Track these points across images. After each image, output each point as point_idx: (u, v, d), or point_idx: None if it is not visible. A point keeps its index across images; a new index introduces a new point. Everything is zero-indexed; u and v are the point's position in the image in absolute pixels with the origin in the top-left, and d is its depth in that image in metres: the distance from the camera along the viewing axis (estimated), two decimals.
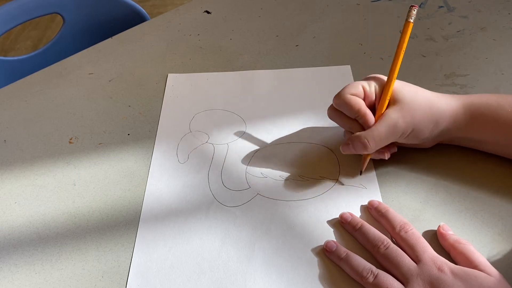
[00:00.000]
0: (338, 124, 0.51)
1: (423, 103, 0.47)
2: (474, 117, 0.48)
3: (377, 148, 0.47)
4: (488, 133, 0.48)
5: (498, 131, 0.48)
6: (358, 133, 0.47)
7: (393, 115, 0.47)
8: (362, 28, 0.73)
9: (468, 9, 0.74)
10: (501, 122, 0.47)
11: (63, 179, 0.53)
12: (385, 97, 0.48)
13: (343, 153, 0.49)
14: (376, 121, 0.47)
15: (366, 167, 0.50)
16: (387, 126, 0.46)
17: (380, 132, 0.46)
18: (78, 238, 0.47)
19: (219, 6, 0.80)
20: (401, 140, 0.48)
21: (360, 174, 0.50)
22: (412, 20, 0.49)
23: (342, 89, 0.49)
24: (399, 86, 0.48)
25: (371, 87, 0.49)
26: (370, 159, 0.50)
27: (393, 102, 0.48)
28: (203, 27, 0.76)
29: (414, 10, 0.49)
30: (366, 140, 0.46)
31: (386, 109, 0.48)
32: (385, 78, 0.49)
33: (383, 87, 0.48)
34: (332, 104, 0.50)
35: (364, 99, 0.48)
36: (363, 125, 0.48)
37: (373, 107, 0.49)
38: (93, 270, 0.44)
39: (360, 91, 0.48)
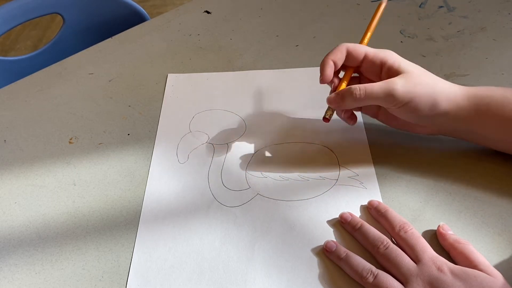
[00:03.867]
0: None
1: (428, 80, 0.48)
2: (478, 109, 0.47)
3: (366, 101, 0.48)
4: (491, 127, 0.47)
5: (502, 126, 0.47)
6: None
7: (395, 80, 0.47)
8: (362, 28, 0.72)
9: (468, 9, 0.74)
10: (506, 117, 0.46)
11: (63, 179, 0.53)
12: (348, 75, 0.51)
13: (327, 103, 0.50)
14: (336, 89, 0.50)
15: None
16: (386, 86, 0.47)
17: (375, 88, 0.47)
18: (78, 238, 0.47)
19: (219, 6, 0.80)
20: (397, 111, 0.48)
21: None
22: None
23: (328, 53, 0.51)
24: (408, 63, 0.49)
25: (357, 51, 0.51)
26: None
27: (400, 72, 0.48)
28: (203, 27, 0.76)
29: None
30: (358, 88, 0.48)
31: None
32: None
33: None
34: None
35: (347, 60, 0.51)
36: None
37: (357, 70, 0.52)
38: (93, 270, 0.44)
39: (340, 58, 0.51)
